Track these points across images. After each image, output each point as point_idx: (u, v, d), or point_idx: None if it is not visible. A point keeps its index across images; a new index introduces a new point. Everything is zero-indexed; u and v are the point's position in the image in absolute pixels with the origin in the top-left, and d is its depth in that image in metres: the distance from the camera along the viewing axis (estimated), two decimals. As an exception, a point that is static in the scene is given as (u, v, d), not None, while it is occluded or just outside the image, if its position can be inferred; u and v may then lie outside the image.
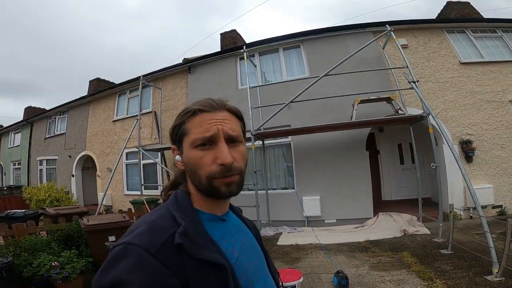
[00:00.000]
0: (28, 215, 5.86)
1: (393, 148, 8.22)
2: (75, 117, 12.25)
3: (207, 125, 0.61)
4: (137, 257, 0.50)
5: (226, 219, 0.68)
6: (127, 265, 0.49)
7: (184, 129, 0.64)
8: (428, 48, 6.94)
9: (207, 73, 8.57)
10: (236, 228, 0.70)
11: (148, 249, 0.50)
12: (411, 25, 7.07)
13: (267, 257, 0.77)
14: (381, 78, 6.63)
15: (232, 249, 0.62)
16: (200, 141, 0.60)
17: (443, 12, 9.34)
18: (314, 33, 7.46)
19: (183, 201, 0.64)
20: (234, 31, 10.59)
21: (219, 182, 0.60)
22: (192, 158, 0.61)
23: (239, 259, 0.62)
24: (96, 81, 14.05)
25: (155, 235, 0.53)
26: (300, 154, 6.90)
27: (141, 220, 0.60)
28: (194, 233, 0.56)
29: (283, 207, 6.79)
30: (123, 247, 0.52)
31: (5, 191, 12.65)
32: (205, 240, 0.57)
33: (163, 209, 0.62)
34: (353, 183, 6.38)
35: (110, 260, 0.51)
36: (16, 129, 15.79)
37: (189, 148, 0.62)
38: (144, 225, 0.56)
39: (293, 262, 4.28)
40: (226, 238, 0.63)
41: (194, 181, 0.63)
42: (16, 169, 15.40)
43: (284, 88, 7.12)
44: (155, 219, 0.58)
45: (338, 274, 3.33)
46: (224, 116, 0.64)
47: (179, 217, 0.58)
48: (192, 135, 0.62)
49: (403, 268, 3.68)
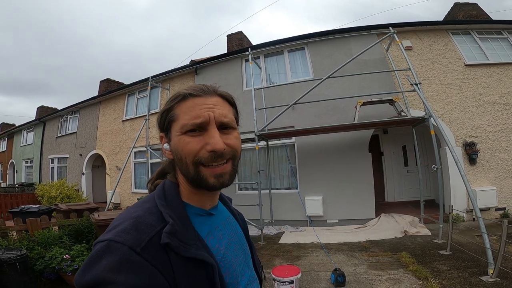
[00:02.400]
0: (41, 210, 6.12)
1: (398, 150, 8.24)
2: (86, 117, 12.60)
3: (198, 110, 0.58)
4: (122, 255, 0.47)
5: (215, 213, 0.66)
6: (110, 264, 0.46)
7: (172, 115, 0.60)
8: (433, 50, 6.94)
9: (213, 75, 8.75)
10: (224, 221, 0.68)
11: (133, 247, 0.48)
12: (416, 27, 7.07)
13: (252, 250, 0.76)
14: (385, 80, 6.68)
15: (219, 245, 0.61)
16: (190, 127, 0.57)
17: (450, 13, 9.29)
18: (319, 35, 7.54)
19: (171, 194, 0.60)
20: (240, 32, 10.76)
21: (207, 172, 0.57)
22: (180, 144, 0.58)
23: (225, 255, 0.61)
24: (106, 81, 14.40)
25: (140, 232, 0.50)
26: (304, 154, 7.01)
27: (125, 215, 0.56)
28: (182, 230, 0.54)
29: (286, 207, 6.90)
30: (106, 244, 0.49)
31: (17, 188, 13.06)
32: (193, 237, 0.55)
33: (150, 201, 0.59)
34: (355, 184, 6.45)
35: (92, 257, 0.49)
36: (29, 128, 16.28)
37: (178, 134, 0.59)
38: (129, 221, 0.53)
39: (293, 260, 4.40)
40: (213, 233, 0.62)
41: (182, 170, 0.60)
42: (28, 167, 15.87)
43: (288, 89, 7.24)
44: (141, 214, 0.54)
45: (335, 271, 3.43)
46: (215, 101, 0.61)
47: (166, 213, 0.55)
48: (181, 121, 0.58)
49: (400, 268, 3.76)
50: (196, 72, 9.07)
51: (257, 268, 0.75)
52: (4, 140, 19.18)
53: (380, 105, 6.05)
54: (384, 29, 6.54)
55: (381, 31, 6.78)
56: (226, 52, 9.25)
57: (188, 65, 9.41)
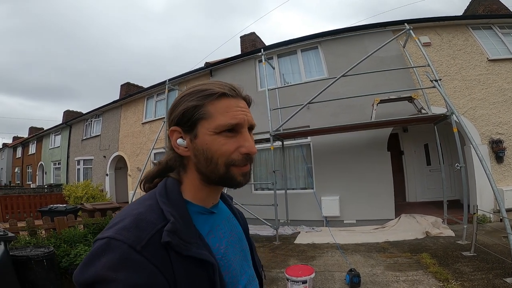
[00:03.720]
0: (68, 209, 6.46)
1: (419, 148, 7.96)
2: (108, 120, 13.14)
3: (234, 111, 0.58)
4: (122, 253, 0.47)
5: (216, 212, 0.66)
6: (110, 262, 0.46)
7: (204, 112, 0.58)
8: (453, 46, 6.69)
9: (227, 76, 8.86)
10: (224, 220, 0.68)
11: (133, 246, 0.47)
12: (433, 22, 6.84)
13: (252, 250, 0.76)
14: (403, 77, 6.49)
15: (219, 244, 0.61)
16: (227, 128, 0.57)
17: (469, 8, 8.94)
18: (332, 33, 7.46)
19: (173, 192, 0.60)
20: (253, 33, 10.83)
21: (237, 171, 0.59)
22: (213, 144, 0.57)
23: (225, 254, 0.61)
24: (127, 85, 14.95)
25: (141, 230, 0.50)
26: (320, 154, 6.94)
27: (126, 212, 0.55)
28: (183, 228, 0.53)
29: (302, 207, 6.87)
30: (106, 241, 0.49)
31: (46, 189, 13.83)
32: (194, 235, 0.55)
33: (151, 199, 0.58)
34: (374, 183, 6.31)
35: (92, 255, 0.49)
36: (57, 131, 17.19)
37: (210, 133, 0.57)
38: (130, 218, 0.52)
39: (308, 260, 4.37)
40: (214, 232, 0.62)
41: (206, 169, 0.59)
42: (56, 169, 16.75)
43: (303, 89, 7.20)
44: (142, 211, 0.54)
45: (350, 272, 3.39)
46: (244, 105, 0.63)
47: (168, 211, 0.54)
48: (217, 121, 0.57)
49: (420, 269, 3.64)
50: (211, 74, 9.23)
51: (257, 267, 0.75)
52: (33, 143, 20.36)
53: (399, 103, 5.89)
54: (399, 26, 6.37)
55: (396, 28, 6.61)
56: (240, 54, 9.34)
57: (203, 67, 9.58)
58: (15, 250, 3.35)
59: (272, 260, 4.56)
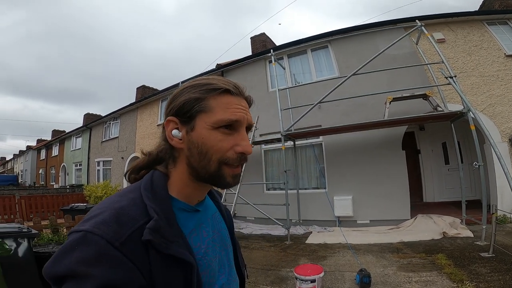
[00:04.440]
0: (88, 208, 6.75)
1: (437, 147, 7.72)
2: (126, 122, 13.57)
3: (234, 108, 0.58)
4: (99, 248, 0.45)
5: (200, 209, 0.63)
6: (85, 256, 0.44)
7: (205, 106, 0.57)
8: (468, 42, 6.49)
9: (238, 77, 8.94)
10: (209, 218, 0.66)
11: (111, 241, 0.45)
12: (447, 18, 6.66)
13: (236, 249, 0.74)
14: (417, 74, 6.33)
15: (201, 243, 0.59)
16: (225, 123, 0.56)
17: (485, 3, 8.64)
18: (342, 32, 7.38)
19: (159, 186, 0.57)
20: (263, 34, 10.89)
21: (228, 171, 0.57)
22: (210, 139, 0.56)
23: (205, 254, 0.59)
24: (142, 88, 15.38)
25: (121, 226, 0.48)
26: (332, 154, 6.88)
27: (106, 204, 0.53)
28: (165, 226, 0.51)
29: (314, 207, 6.83)
30: (82, 235, 0.46)
31: (68, 189, 14.46)
32: (176, 234, 0.53)
33: (135, 191, 0.56)
34: (388, 183, 6.18)
35: (65, 248, 0.46)
36: (77, 133, 17.92)
37: (208, 127, 0.56)
38: (110, 212, 0.50)
39: (318, 260, 4.35)
40: (197, 231, 0.60)
41: (198, 164, 0.57)
42: (78, 170, 17.46)
43: (314, 88, 7.17)
44: (124, 205, 0.52)
45: (361, 272, 3.35)
46: (246, 104, 0.62)
47: (151, 207, 0.52)
48: (217, 115, 0.56)
49: (434, 270, 3.55)
50: (222, 75, 9.34)
51: (240, 267, 0.74)
52: (56, 146, 21.32)
53: (413, 101, 5.76)
54: (411, 23, 6.25)
55: (408, 25, 6.49)
56: (250, 55, 9.41)
57: (214, 69, 9.73)
58: (38, 247, 3.53)
59: (282, 259, 4.57)
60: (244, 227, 7.12)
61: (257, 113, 7.24)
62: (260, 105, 7.96)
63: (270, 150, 7.89)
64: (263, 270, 4.11)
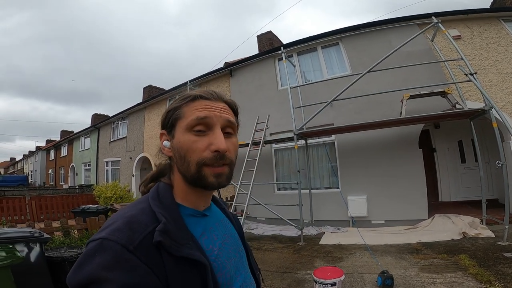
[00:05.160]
0: (99, 210, 6.72)
1: (452, 145, 7.53)
2: (133, 122, 13.60)
3: (203, 108, 0.60)
4: (115, 253, 0.47)
5: (208, 214, 0.66)
6: (104, 262, 0.46)
7: (179, 113, 0.61)
8: (485, 39, 6.33)
9: (247, 76, 8.86)
10: (218, 223, 0.68)
11: (126, 246, 0.48)
12: (462, 15, 6.50)
13: (249, 253, 0.75)
14: (433, 71, 6.17)
15: (212, 246, 0.61)
16: (195, 122, 0.59)
17: (496, 1, 8.44)
18: (353, 29, 7.24)
19: (165, 195, 0.61)
20: (270, 32, 10.77)
21: (208, 171, 0.58)
22: (185, 142, 0.59)
23: (218, 256, 0.61)
24: (149, 88, 15.39)
25: (133, 231, 0.51)
26: (345, 152, 6.76)
27: (119, 214, 0.57)
28: (175, 229, 0.54)
29: (326, 207, 6.72)
30: (99, 242, 0.49)
31: (77, 189, 14.55)
32: (186, 237, 0.55)
33: (143, 202, 0.59)
34: (404, 182, 6.04)
35: (85, 256, 0.49)
36: (86, 134, 18.06)
37: (183, 131, 0.60)
38: (122, 220, 0.53)
39: (335, 262, 4.25)
40: (207, 234, 0.62)
41: (182, 168, 0.60)
42: (86, 170, 17.60)
43: (325, 86, 7.05)
44: (134, 214, 0.55)
45: (383, 274, 3.24)
46: (222, 106, 0.64)
47: (160, 212, 0.55)
48: (187, 118, 0.60)
49: (458, 271, 3.43)
50: (231, 74, 9.26)
51: (254, 271, 0.75)
52: (65, 146, 21.53)
53: (430, 98, 5.61)
54: (426, 19, 6.11)
55: (422, 22, 6.35)
56: (259, 53, 9.31)
57: (222, 68, 9.65)
58: (50, 251, 3.44)
59: (297, 261, 4.47)
60: (255, 228, 7.04)
61: (267, 112, 7.14)
62: (270, 104, 7.86)
63: (280, 150, 7.79)
64: (278, 272, 4.02)
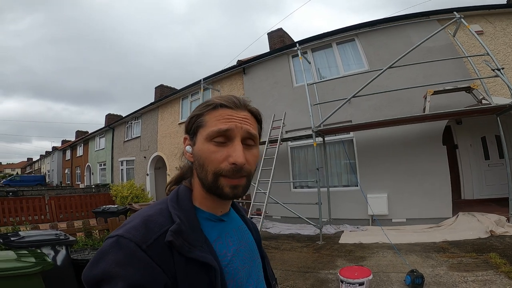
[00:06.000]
0: (119, 210, 6.85)
1: (475, 142, 7.29)
2: (147, 122, 13.76)
3: (225, 119, 0.60)
4: (128, 251, 0.49)
5: (226, 220, 0.66)
6: (117, 258, 0.48)
7: (201, 121, 0.62)
8: (508, 34, 6.12)
9: (260, 74, 8.81)
10: (235, 229, 0.68)
11: (139, 244, 0.50)
12: (483, 10, 6.31)
13: (265, 262, 0.75)
14: (455, 67, 5.99)
15: (226, 251, 0.61)
16: (216, 134, 0.59)
17: None
18: (369, 25, 7.09)
19: (183, 198, 0.63)
20: (280, 29, 10.69)
21: (225, 182, 0.59)
22: (204, 151, 0.60)
23: (231, 261, 0.61)
24: (160, 87, 15.46)
25: (149, 230, 0.53)
26: (364, 150, 6.65)
27: (138, 213, 0.59)
28: (188, 231, 0.55)
29: (344, 205, 6.63)
30: (115, 239, 0.51)
31: (94, 188, 14.83)
32: (199, 239, 0.56)
33: (162, 204, 0.61)
34: (427, 180, 5.89)
35: (101, 252, 0.51)
36: (101, 134, 18.39)
37: (203, 140, 0.60)
38: (139, 219, 0.55)
39: (357, 261, 4.18)
40: (222, 239, 0.62)
41: (200, 175, 0.61)
42: (102, 169, 17.92)
43: (342, 83, 6.95)
44: (152, 214, 0.57)
45: (412, 273, 3.17)
46: (244, 115, 0.63)
47: (176, 214, 0.57)
48: (209, 128, 0.60)
49: (489, 269, 3.33)
50: (244, 72, 9.23)
51: (269, 280, 0.75)
52: (80, 146, 21.99)
53: (452, 94, 5.47)
54: (445, 15, 5.98)
55: (441, 17, 6.20)
56: (272, 50, 9.23)
57: (235, 66, 9.62)
58: (74, 252, 3.47)
59: (318, 260, 4.43)
60: (271, 227, 7.01)
61: (282, 109, 7.08)
62: (285, 101, 7.80)
63: (296, 147, 7.73)
64: (300, 272, 3.99)
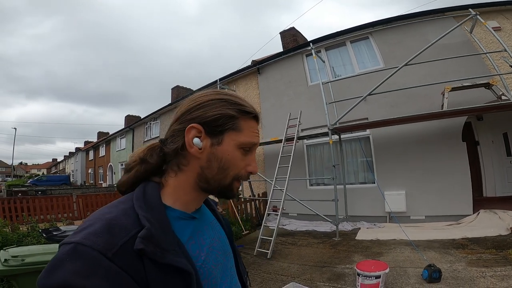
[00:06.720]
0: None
1: (497, 138, 7.09)
2: (165, 122, 14.19)
3: (255, 133, 0.63)
4: (91, 260, 0.44)
5: (198, 217, 0.63)
6: (77, 268, 0.43)
7: (235, 124, 0.60)
8: (525, 30, 5.93)
9: (275, 73, 8.93)
10: (207, 226, 0.66)
11: (104, 252, 0.45)
12: (500, 6, 6.17)
13: (236, 257, 0.74)
14: (473, 63, 5.88)
15: (200, 251, 0.58)
16: (249, 145, 0.62)
17: None
18: (383, 23, 7.06)
19: (152, 196, 0.57)
20: (293, 28, 10.71)
21: (236, 185, 0.63)
22: (233, 157, 0.60)
23: (205, 261, 0.58)
24: (176, 88, 15.86)
25: (113, 236, 0.47)
26: (381, 147, 6.65)
27: (97, 216, 0.52)
28: (160, 235, 0.50)
29: (361, 202, 6.65)
30: (72, 247, 0.45)
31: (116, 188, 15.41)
32: (171, 242, 0.52)
33: (126, 202, 0.55)
34: (446, 177, 5.83)
35: (56, 260, 0.45)
36: (121, 134, 19.09)
37: (234, 146, 0.60)
38: (101, 223, 0.49)
39: (374, 256, 4.24)
40: (194, 238, 0.59)
41: (214, 176, 0.60)
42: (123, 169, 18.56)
43: (357, 81, 6.96)
44: (115, 216, 0.51)
45: (429, 267, 3.22)
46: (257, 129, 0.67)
47: (143, 216, 0.51)
48: (244, 137, 0.61)
49: (508, 265, 3.33)
50: (259, 71, 9.37)
51: (241, 274, 0.74)
52: (103, 146, 22.90)
53: (471, 90, 5.39)
54: (461, 11, 5.93)
55: (457, 14, 6.13)
56: (286, 49, 9.32)
57: (250, 66, 9.79)
58: None
59: (334, 256, 4.52)
60: (287, 224, 7.12)
61: (298, 107, 7.17)
62: (300, 100, 7.89)
63: (312, 145, 7.80)
64: (317, 267, 4.10)
